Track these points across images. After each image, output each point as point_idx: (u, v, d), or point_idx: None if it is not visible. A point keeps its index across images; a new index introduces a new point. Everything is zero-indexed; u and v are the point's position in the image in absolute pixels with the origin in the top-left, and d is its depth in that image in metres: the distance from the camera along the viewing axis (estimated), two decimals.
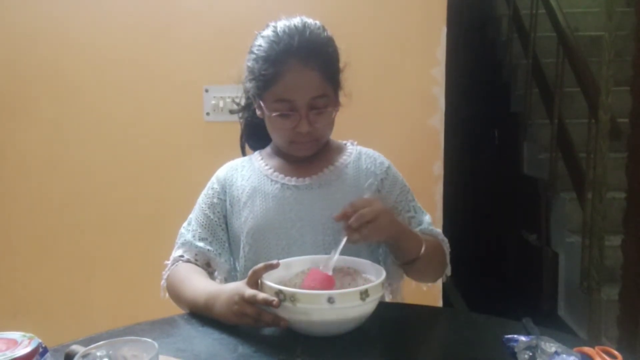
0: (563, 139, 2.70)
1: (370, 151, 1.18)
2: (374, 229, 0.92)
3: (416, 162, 1.80)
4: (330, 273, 0.93)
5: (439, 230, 1.14)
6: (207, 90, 1.86)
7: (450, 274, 1.15)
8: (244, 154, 1.26)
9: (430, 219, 1.14)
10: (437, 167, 1.86)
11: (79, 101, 1.88)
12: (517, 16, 3.36)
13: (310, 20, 1.07)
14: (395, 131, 1.84)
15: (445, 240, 1.13)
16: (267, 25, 1.08)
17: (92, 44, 1.85)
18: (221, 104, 1.85)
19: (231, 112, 1.26)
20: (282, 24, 1.06)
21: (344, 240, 0.93)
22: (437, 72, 1.83)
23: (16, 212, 1.92)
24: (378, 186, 1.12)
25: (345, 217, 0.92)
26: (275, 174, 1.13)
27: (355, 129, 1.24)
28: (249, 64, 1.08)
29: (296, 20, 1.06)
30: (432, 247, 1.07)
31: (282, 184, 1.11)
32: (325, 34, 1.08)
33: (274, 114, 1.05)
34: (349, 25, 1.76)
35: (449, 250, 1.13)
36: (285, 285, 0.92)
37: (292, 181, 1.11)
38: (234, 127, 1.29)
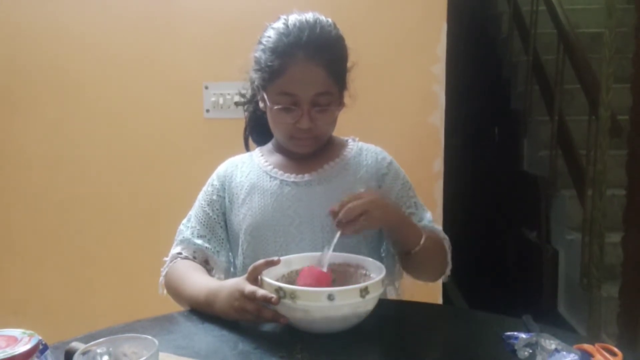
0: (563, 136, 2.70)
1: (371, 147, 1.18)
2: (365, 221, 0.92)
3: (416, 160, 1.80)
4: (324, 269, 0.92)
5: (439, 228, 1.14)
6: (207, 87, 1.86)
7: (449, 274, 1.13)
8: (247, 147, 1.25)
9: (431, 217, 1.13)
10: (437, 164, 1.86)
11: (79, 98, 1.87)
12: (518, 13, 3.35)
13: (322, 17, 1.06)
14: (395, 128, 1.84)
15: (447, 238, 1.12)
16: (279, 18, 1.07)
17: (91, 41, 1.85)
18: (221, 100, 1.85)
19: (236, 104, 1.25)
20: (293, 18, 1.05)
21: (337, 235, 0.93)
22: (438, 69, 1.83)
23: (16, 209, 1.92)
24: (379, 181, 1.12)
25: (335, 213, 0.92)
26: (275, 170, 1.12)
27: (355, 126, 1.24)
28: (256, 54, 1.07)
29: (308, 15, 1.05)
30: (432, 242, 1.06)
31: (281, 181, 1.11)
32: (336, 31, 1.07)
33: (275, 107, 1.05)
34: (349, 22, 1.74)
35: (450, 248, 1.12)
36: (284, 282, 0.92)
37: (291, 177, 1.11)
38: (234, 124, 1.29)
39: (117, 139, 1.89)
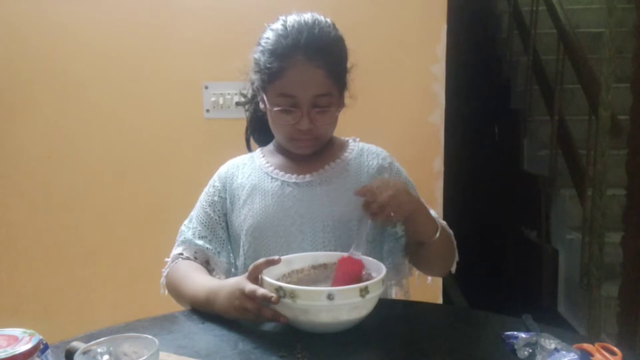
0: (563, 135, 2.70)
1: (372, 147, 1.17)
2: (395, 206, 0.91)
3: (416, 159, 1.80)
4: (359, 258, 0.93)
5: (445, 222, 1.13)
6: (206, 87, 1.86)
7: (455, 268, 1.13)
8: (249, 147, 1.25)
9: (435, 214, 1.13)
10: (437, 164, 1.87)
11: (79, 98, 1.87)
12: (518, 13, 3.35)
13: (321, 17, 1.06)
14: (396, 128, 1.84)
15: (452, 233, 1.11)
16: (278, 19, 1.07)
17: (91, 41, 1.85)
18: (221, 100, 1.85)
19: (237, 104, 1.25)
20: (292, 19, 1.04)
21: (369, 224, 0.93)
22: (438, 69, 1.83)
23: (17, 208, 1.92)
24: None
25: (364, 194, 0.91)
26: (276, 171, 1.12)
27: (355, 125, 1.24)
28: (256, 55, 1.07)
29: (307, 16, 1.04)
30: (445, 234, 1.06)
31: (282, 182, 1.10)
32: (335, 32, 1.07)
33: (275, 109, 1.04)
34: (349, 22, 1.75)
35: (455, 242, 1.12)
36: (285, 280, 0.92)
37: (293, 178, 1.10)
38: (234, 124, 1.29)
39: (117, 139, 1.89)
